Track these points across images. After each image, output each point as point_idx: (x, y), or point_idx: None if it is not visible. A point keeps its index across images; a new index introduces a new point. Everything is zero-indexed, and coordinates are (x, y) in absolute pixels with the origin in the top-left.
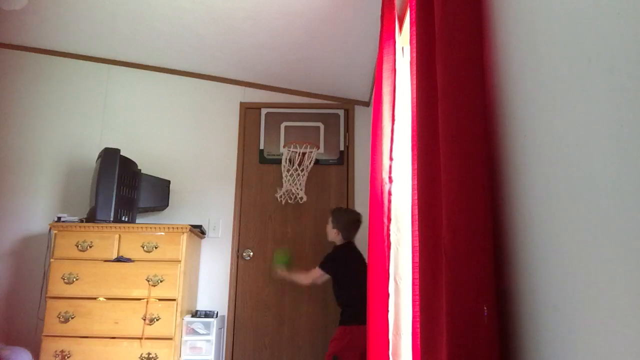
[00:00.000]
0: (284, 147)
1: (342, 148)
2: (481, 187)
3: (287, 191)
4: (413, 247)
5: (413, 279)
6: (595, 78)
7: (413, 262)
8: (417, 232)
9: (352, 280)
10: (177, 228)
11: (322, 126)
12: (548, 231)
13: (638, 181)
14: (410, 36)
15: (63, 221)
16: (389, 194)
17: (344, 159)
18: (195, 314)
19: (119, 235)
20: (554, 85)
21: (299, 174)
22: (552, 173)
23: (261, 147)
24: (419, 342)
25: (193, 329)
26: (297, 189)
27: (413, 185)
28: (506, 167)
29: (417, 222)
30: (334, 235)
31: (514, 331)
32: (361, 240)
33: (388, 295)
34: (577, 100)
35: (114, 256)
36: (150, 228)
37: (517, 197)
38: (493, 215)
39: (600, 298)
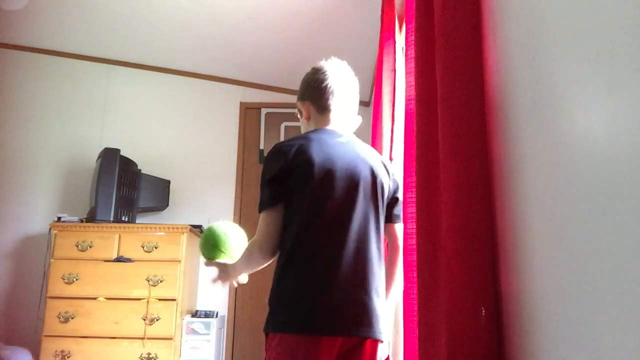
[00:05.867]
0: None
1: None
2: (481, 187)
3: None
4: (408, 246)
5: (406, 277)
6: (596, 78)
7: (406, 261)
8: (414, 231)
9: (313, 216)
10: (177, 228)
11: None
12: (548, 231)
13: (638, 181)
14: (408, 33)
15: (63, 221)
16: None
17: None
18: (195, 314)
19: (119, 235)
20: (554, 85)
21: None
22: (552, 173)
23: (261, 147)
24: (416, 342)
25: (193, 329)
26: None
27: (407, 183)
28: (506, 166)
29: (415, 221)
30: (305, 117)
31: (513, 331)
32: None
33: None
34: (577, 100)
35: (114, 256)
36: (150, 228)
37: (517, 197)
38: (493, 215)
39: (600, 298)
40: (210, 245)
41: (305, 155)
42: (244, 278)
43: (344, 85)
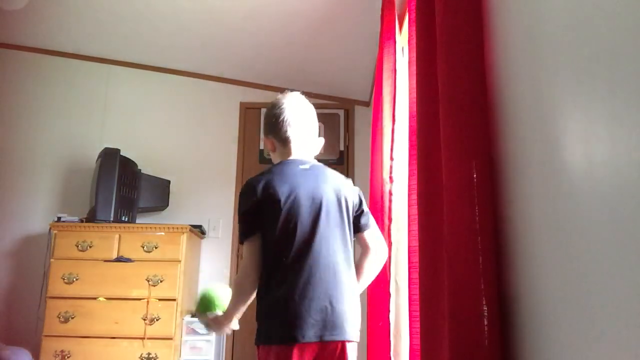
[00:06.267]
0: None
1: (342, 148)
2: (483, 187)
3: None
4: (410, 247)
5: (410, 278)
6: (596, 78)
7: (410, 262)
8: (416, 232)
9: (284, 239)
10: (177, 228)
11: (322, 126)
12: (550, 231)
13: (637, 181)
14: (410, 36)
15: (63, 221)
16: (390, 194)
17: (344, 159)
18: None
19: (119, 235)
20: (554, 85)
21: None
22: (553, 173)
23: (261, 147)
24: (418, 342)
25: (193, 329)
26: None
27: (410, 185)
28: (507, 167)
29: (416, 222)
30: (271, 150)
31: (516, 332)
32: None
33: (389, 295)
34: (578, 100)
35: (114, 256)
36: (150, 228)
37: (518, 197)
38: (494, 216)
39: (601, 299)
40: (207, 303)
41: (272, 189)
42: (235, 325)
43: (299, 115)
